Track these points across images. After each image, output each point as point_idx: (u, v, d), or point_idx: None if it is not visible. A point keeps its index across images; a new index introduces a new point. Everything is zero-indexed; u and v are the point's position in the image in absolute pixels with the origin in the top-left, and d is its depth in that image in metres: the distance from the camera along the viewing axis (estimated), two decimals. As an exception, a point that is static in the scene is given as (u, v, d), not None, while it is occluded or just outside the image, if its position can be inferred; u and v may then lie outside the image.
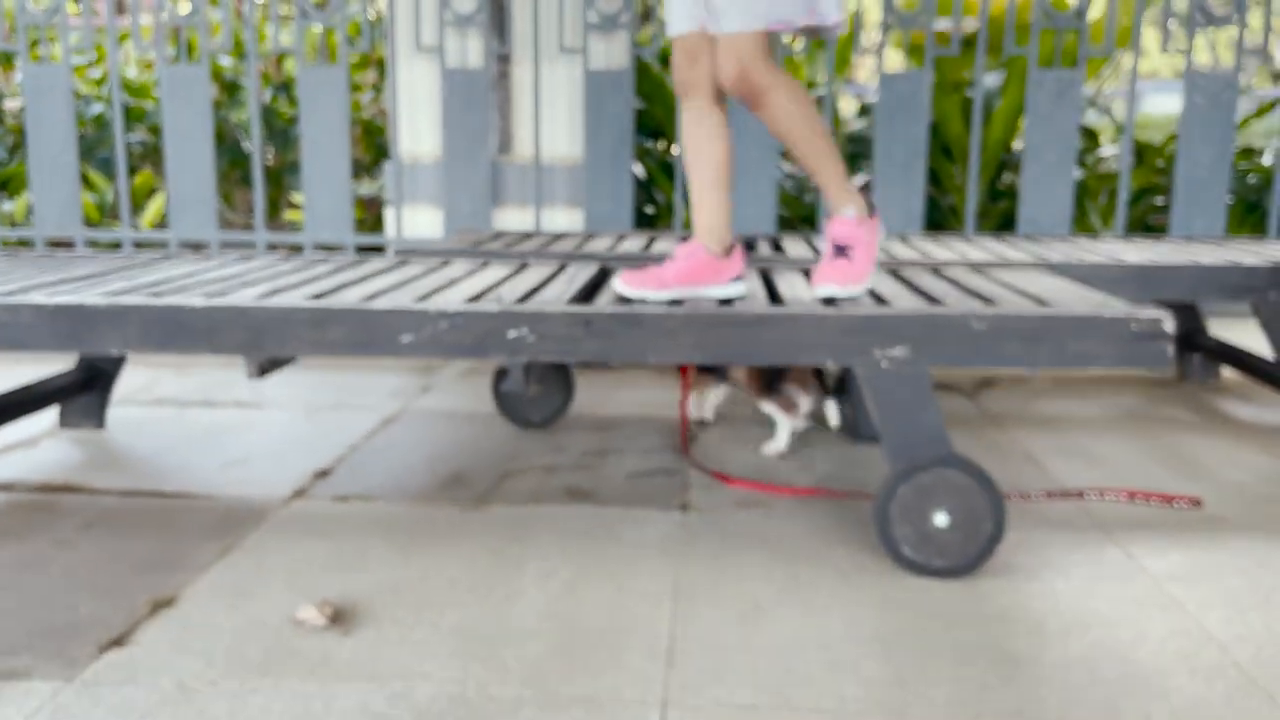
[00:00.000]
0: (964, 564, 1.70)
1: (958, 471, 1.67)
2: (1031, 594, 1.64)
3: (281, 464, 2.28)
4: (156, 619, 1.54)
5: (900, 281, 2.09)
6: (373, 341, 1.71)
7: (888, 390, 1.69)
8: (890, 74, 3.37)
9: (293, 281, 1.99)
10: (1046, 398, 3.00)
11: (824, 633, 1.51)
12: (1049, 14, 3.33)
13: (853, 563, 1.76)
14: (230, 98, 4.65)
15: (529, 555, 1.78)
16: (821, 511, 2.01)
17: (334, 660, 1.42)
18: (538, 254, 2.57)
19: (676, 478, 2.21)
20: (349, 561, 1.75)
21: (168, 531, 1.88)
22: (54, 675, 1.38)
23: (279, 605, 1.58)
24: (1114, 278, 2.48)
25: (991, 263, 2.49)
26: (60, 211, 3.58)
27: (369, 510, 2.00)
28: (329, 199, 3.54)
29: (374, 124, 4.85)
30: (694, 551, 1.80)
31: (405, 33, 3.49)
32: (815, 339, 1.68)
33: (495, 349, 1.70)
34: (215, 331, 1.72)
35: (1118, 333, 1.64)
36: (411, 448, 2.42)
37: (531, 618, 1.55)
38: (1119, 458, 2.38)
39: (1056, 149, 3.39)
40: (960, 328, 1.66)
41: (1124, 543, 1.86)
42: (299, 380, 3.12)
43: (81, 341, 1.74)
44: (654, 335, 1.69)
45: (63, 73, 3.53)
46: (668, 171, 4.10)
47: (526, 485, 2.15)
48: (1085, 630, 1.52)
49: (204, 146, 3.53)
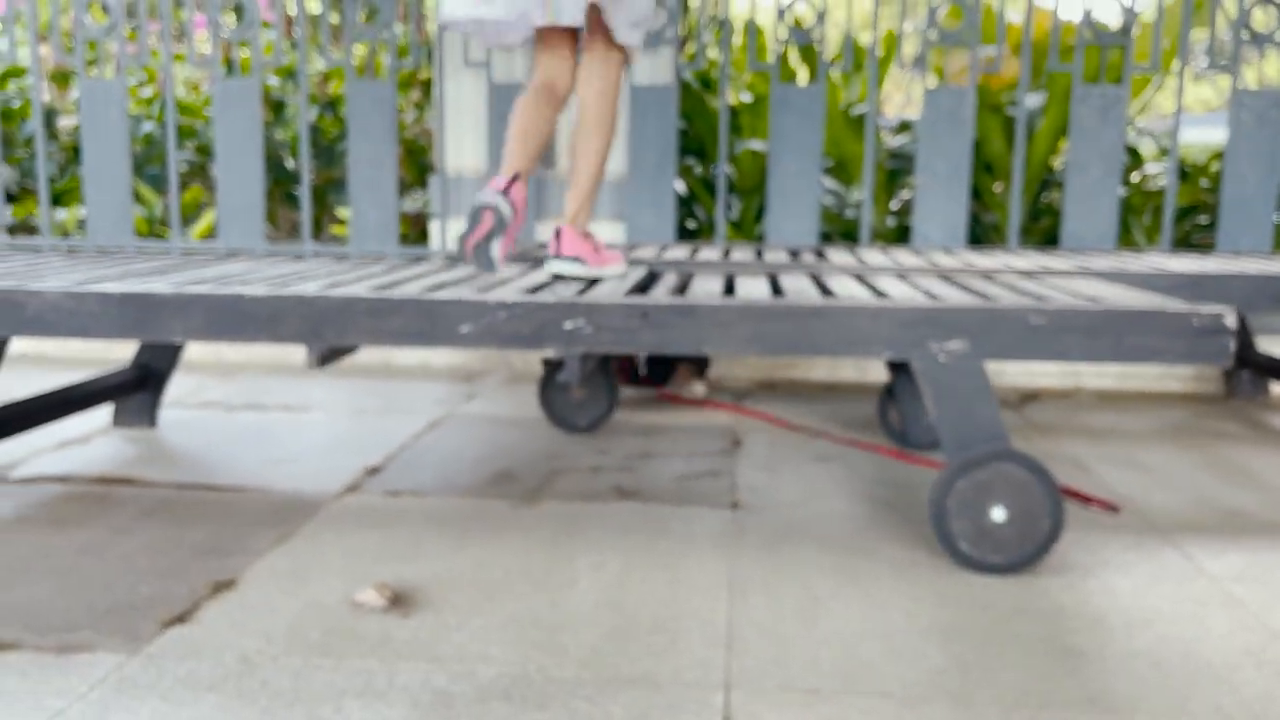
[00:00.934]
0: (1021, 560, 1.68)
1: (1016, 466, 1.66)
2: (1090, 591, 1.62)
3: (332, 462, 2.30)
4: (217, 599, 1.55)
5: (950, 284, 2.09)
6: (432, 331, 1.73)
7: (944, 384, 1.69)
8: (934, 89, 3.39)
9: (349, 278, 2.02)
10: (1092, 411, 2.97)
11: (883, 623, 1.50)
12: (1094, 30, 3.34)
13: (908, 558, 1.75)
14: (276, 117, 4.73)
15: (580, 548, 1.78)
16: (873, 509, 2.00)
17: (394, 640, 1.42)
18: (585, 259, 2.59)
19: (724, 479, 2.20)
20: (404, 551, 1.76)
21: (223, 520, 1.90)
22: (118, 649, 1.39)
23: (337, 589, 1.59)
24: (1164, 287, 2.45)
25: (1039, 270, 2.48)
26: (112, 221, 3.65)
27: (421, 504, 2.01)
28: (375, 211, 3.59)
29: (416, 143, 4.92)
30: (746, 545, 1.80)
31: (453, 48, 3.55)
32: (871, 331, 1.68)
33: (552, 339, 1.72)
34: (277, 320, 1.75)
35: (1179, 327, 1.63)
36: (459, 448, 2.43)
37: (587, 606, 1.55)
38: (1169, 467, 2.35)
39: (1101, 164, 3.38)
40: (1018, 321, 1.66)
41: (1180, 544, 1.84)
42: (344, 386, 3.15)
43: (146, 329, 1.77)
44: (709, 326, 1.70)
45: (118, 85, 3.61)
46: (709, 188, 4.12)
47: (574, 484, 2.16)
48: (1147, 626, 1.50)
49: (254, 159, 3.59)
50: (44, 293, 1.79)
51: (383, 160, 3.57)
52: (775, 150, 3.46)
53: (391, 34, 3.49)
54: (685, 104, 3.97)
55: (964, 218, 3.44)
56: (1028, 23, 3.41)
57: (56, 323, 1.80)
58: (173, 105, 3.67)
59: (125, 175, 3.64)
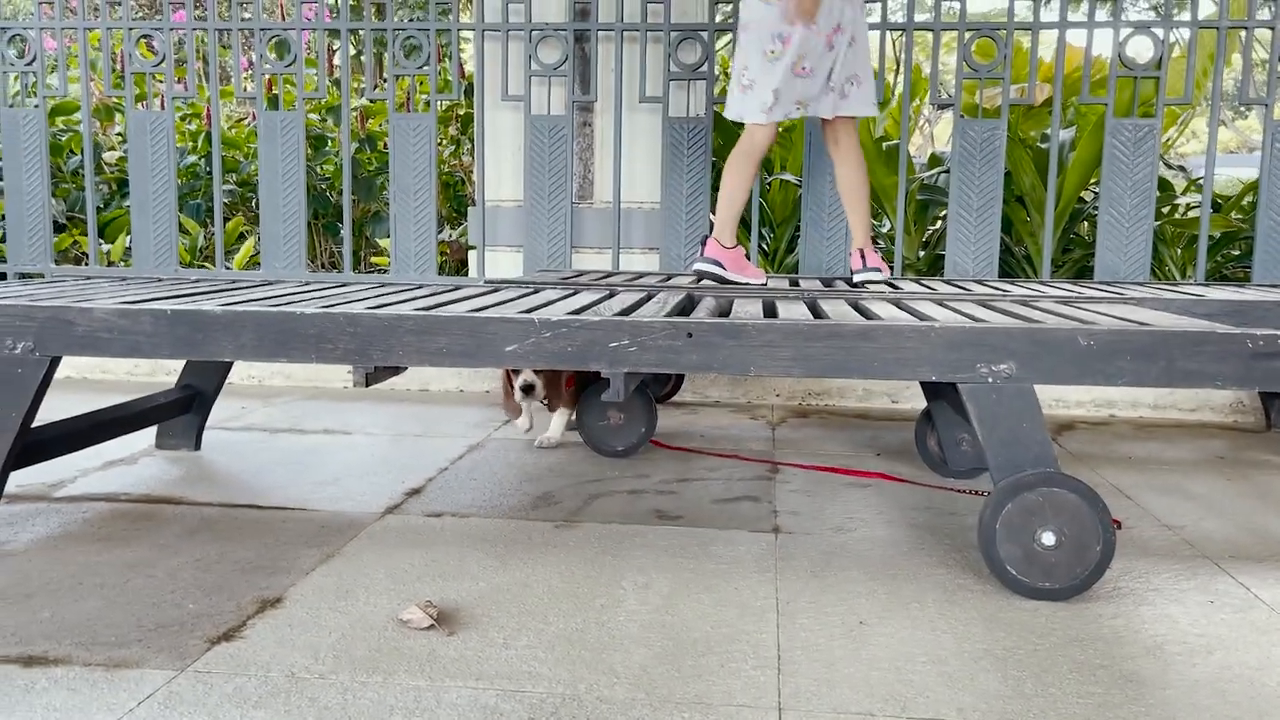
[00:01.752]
0: (1071, 586, 1.65)
1: (1066, 490, 1.64)
2: (1145, 618, 1.60)
3: (373, 483, 2.31)
4: (264, 617, 1.56)
5: (990, 309, 2.08)
6: (479, 351, 1.74)
7: (993, 407, 1.68)
8: (965, 120, 3.40)
9: (395, 300, 2.04)
10: (1130, 441, 2.94)
11: (934, 647, 1.48)
12: (1126, 63, 3.34)
13: (955, 582, 1.73)
14: (315, 152, 4.81)
15: (625, 568, 1.77)
16: (914, 534, 1.98)
17: (441, 658, 1.42)
18: (624, 286, 2.61)
19: (763, 504, 2.19)
20: (448, 570, 1.76)
21: (268, 539, 1.91)
22: (166, 665, 1.40)
23: (382, 607, 1.59)
24: (1205, 314, 2.43)
25: (1077, 298, 2.47)
26: (157, 250, 3.72)
27: (463, 525, 2.01)
28: (414, 241, 3.64)
29: (452, 177, 4.98)
30: (791, 569, 1.78)
31: (492, 83, 3.61)
32: (919, 353, 1.67)
33: (598, 359, 1.72)
34: (324, 339, 1.77)
35: (1235, 350, 1.61)
36: (499, 471, 2.43)
37: (634, 626, 1.54)
38: (1215, 496, 2.32)
39: (1134, 196, 3.37)
40: (1068, 344, 1.65)
41: (1234, 573, 1.80)
42: (383, 411, 3.17)
43: (197, 348, 1.79)
44: (755, 347, 1.70)
45: (166, 116, 3.69)
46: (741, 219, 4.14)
47: (615, 506, 2.15)
48: (1208, 654, 1.47)
49: (296, 190, 3.65)
50: (95, 310, 1.82)
51: (423, 191, 3.62)
52: (808, 181, 3.47)
53: (434, 68, 3.55)
54: (720, 138, 4.01)
55: (996, 249, 3.43)
56: (1059, 57, 3.43)
57: (109, 341, 1.82)
58: (219, 137, 3.74)
59: (171, 205, 3.70)
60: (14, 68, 3.74)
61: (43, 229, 3.79)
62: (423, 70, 3.57)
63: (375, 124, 4.91)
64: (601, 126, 3.65)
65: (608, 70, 3.57)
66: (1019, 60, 3.89)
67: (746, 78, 2.71)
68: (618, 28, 3.50)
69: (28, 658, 1.40)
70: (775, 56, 2.65)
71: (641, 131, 3.60)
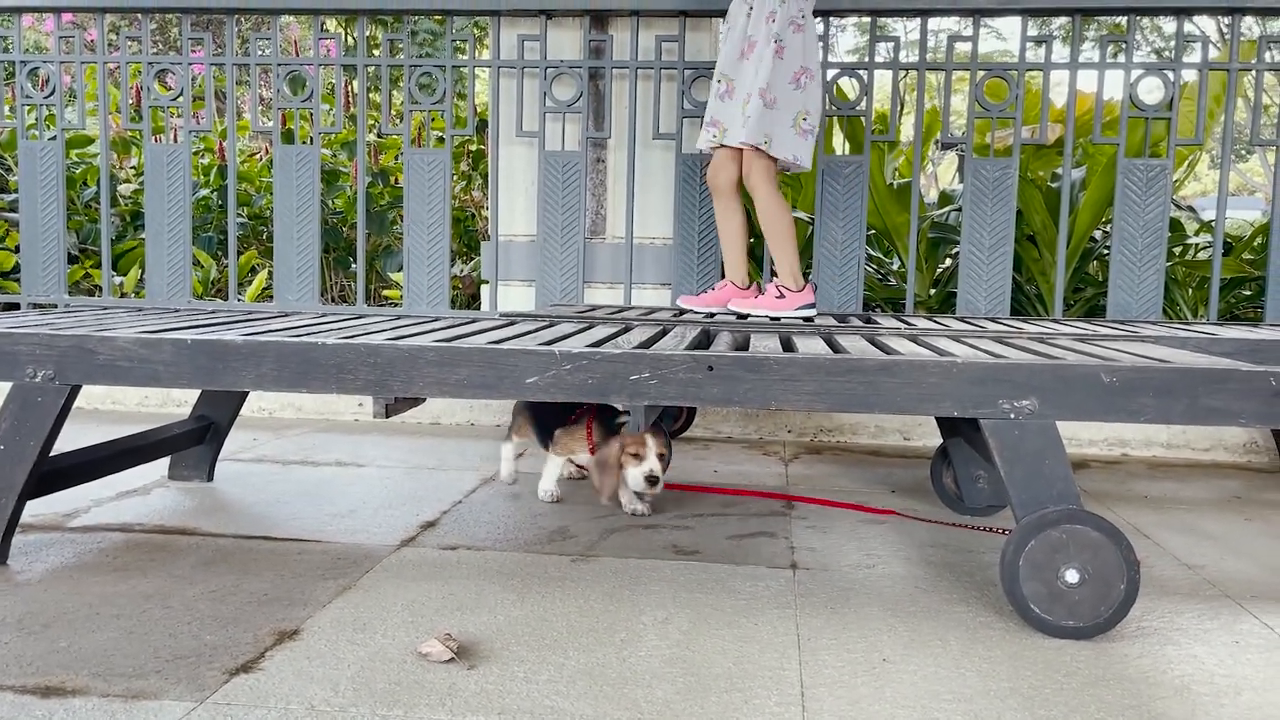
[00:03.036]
0: (1095, 625, 1.64)
1: (1089, 527, 1.63)
2: (1170, 658, 1.58)
3: (388, 516, 2.30)
4: (281, 649, 1.54)
5: (1007, 346, 2.08)
6: (499, 382, 1.74)
7: (1015, 443, 1.67)
8: (978, 160, 3.42)
9: (413, 331, 2.05)
10: (1143, 480, 2.92)
11: (959, 685, 1.46)
12: (1138, 104, 3.37)
13: (978, 620, 1.71)
14: (328, 186, 4.85)
15: (644, 603, 1.76)
16: (933, 572, 1.97)
17: (462, 692, 1.40)
18: (639, 320, 2.61)
19: (780, 540, 2.18)
20: (465, 602, 1.74)
21: (284, 571, 1.90)
22: (184, 697, 1.38)
23: (401, 640, 1.58)
24: (1221, 353, 2.43)
25: (1092, 335, 2.47)
26: (171, 282, 3.73)
27: (479, 558, 2.00)
28: (427, 275, 3.65)
29: (464, 213, 5.01)
30: (811, 605, 1.77)
31: (507, 119, 3.64)
32: (941, 388, 1.67)
33: (618, 391, 1.72)
34: (345, 369, 1.77)
35: (1258, 387, 1.61)
36: (514, 504, 2.42)
37: (655, 661, 1.52)
38: (1234, 536, 2.30)
39: (1145, 236, 3.38)
40: (1091, 380, 1.65)
41: (1258, 613, 1.79)
42: (395, 444, 3.16)
43: (217, 377, 1.79)
44: (776, 381, 1.70)
45: (182, 149, 3.72)
46: (753, 256, 4.16)
47: (631, 541, 2.14)
48: (1237, 694, 1.45)
49: (310, 222, 3.67)
50: (116, 339, 1.82)
51: (436, 226, 3.64)
52: (821, 218, 3.49)
53: (449, 104, 3.59)
54: (730, 174, 4.03)
55: (1008, 287, 3.44)
56: (1071, 97, 3.46)
57: (129, 370, 1.83)
58: (234, 170, 3.77)
59: (186, 237, 3.73)
60: (32, 100, 3.79)
61: (57, 260, 3.81)
62: (437, 106, 3.61)
63: (388, 159, 4.95)
64: (615, 163, 3.68)
65: (621, 107, 3.61)
66: (1031, 100, 3.92)
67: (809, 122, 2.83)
68: (632, 65, 3.54)
69: (45, 688, 1.39)
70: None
71: (655, 168, 3.63)
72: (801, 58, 2.81)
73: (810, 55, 2.84)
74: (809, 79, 2.82)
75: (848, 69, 3.46)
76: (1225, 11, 3.71)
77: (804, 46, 2.81)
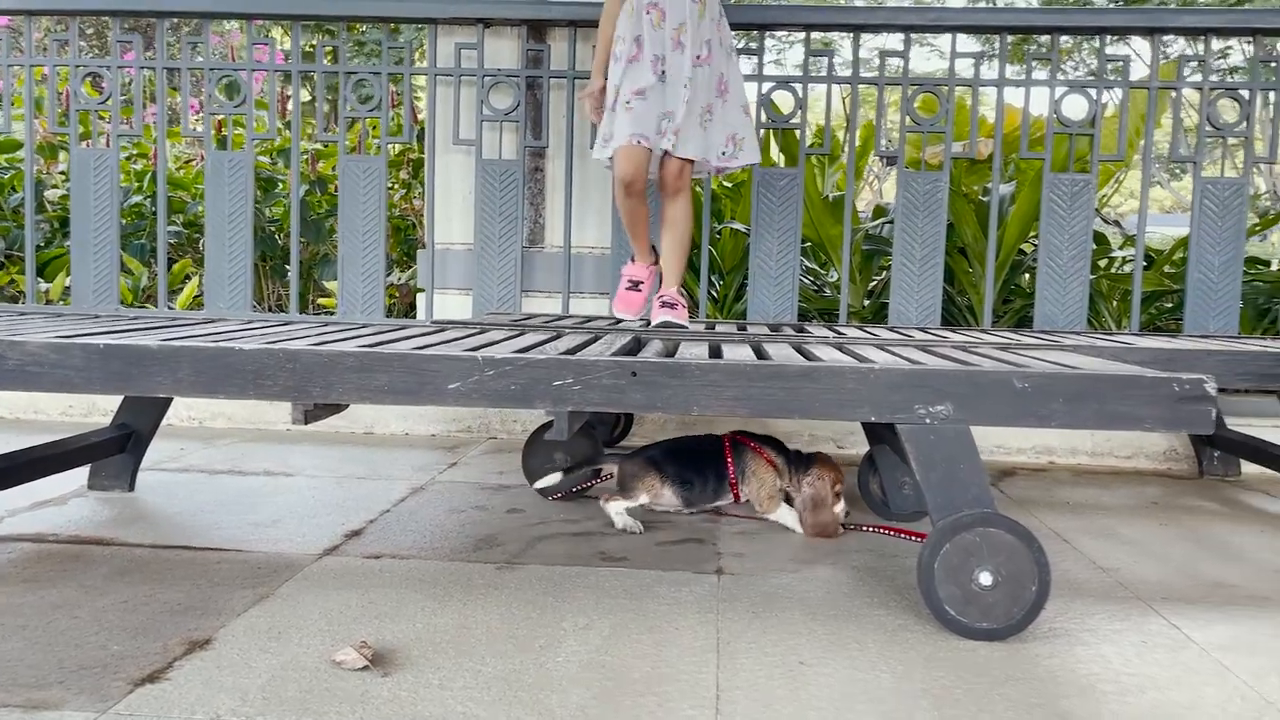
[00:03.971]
0: (1009, 626, 1.67)
1: (1003, 530, 1.66)
2: (1079, 658, 1.61)
3: (313, 525, 2.27)
4: (191, 658, 1.51)
5: (930, 354, 2.12)
6: (420, 388, 1.73)
7: (930, 448, 1.70)
8: (909, 173, 3.48)
9: (338, 337, 2.03)
10: (1068, 487, 2.99)
11: (873, 687, 1.48)
12: (1063, 121, 3.46)
13: (896, 623, 1.74)
14: (264, 194, 4.78)
15: (566, 609, 1.76)
16: (857, 576, 1.99)
17: (374, 699, 1.39)
18: (572, 328, 2.61)
19: (708, 546, 2.19)
20: (385, 610, 1.72)
21: (200, 580, 1.86)
22: (86, 707, 1.35)
23: (316, 648, 1.55)
24: (1138, 361, 2.50)
25: (1015, 344, 2.52)
26: (97, 288, 3.65)
27: (402, 566, 1.98)
28: (362, 283, 3.62)
29: (403, 221, 4.97)
30: (733, 610, 1.78)
31: (444, 127, 3.63)
32: (859, 393, 1.70)
33: (541, 398, 1.72)
34: (263, 375, 1.74)
35: (1162, 393, 1.66)
36: (442, 513, 2.41)
37: (573, 667, 1.52)
38: (1149, 540, 2.36)
39: (1070, 249, 3.47)
40: (1004, 386, 1.68)
41: (1167, 614, 1.83)
42: (326, 454, 3.12)
43: (132, 383, 1.76)
44: (699, 386, 1.71)
45: (111, 153, 3.65)
46: (691, 266, 4.19)
47: (559, 549, 2.14)
48: (1140, 693, 1.49)
49: (243, 229, 3.62)
50: (26, 344, 1.78)
51: (372, 234, 3.61)
52: (756, 231, 3.53)
53: (385, 112, 3.56)
54: (669, 185, 4.05)
55: (939, 298, 3.50)
56: (999, 113, 3.54)
57: (39, 375, 1.78)
58: (164, 175, 3.71)
59: (113, 243, 3.65)
60: (-44, 103, 3.69)
61: (-21, 266, 3.71)
62: (374, 114, 3.58)
63: (326, 167, 4.90)
64: (553, 172, 3.68)
65: (559, 116, 3.61)
66: (961, 116, 4.00)
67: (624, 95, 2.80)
68: (570, 75, 3.55)
69: (-61, 700, 1.35)
70: None
71: (593, 177, 3.64)
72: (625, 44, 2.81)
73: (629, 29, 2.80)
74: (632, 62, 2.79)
75: (782, 82, 3.50)
76: (1145, 32, 3.83)
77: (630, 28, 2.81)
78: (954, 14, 3.60)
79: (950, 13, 3.71)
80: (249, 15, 3.65)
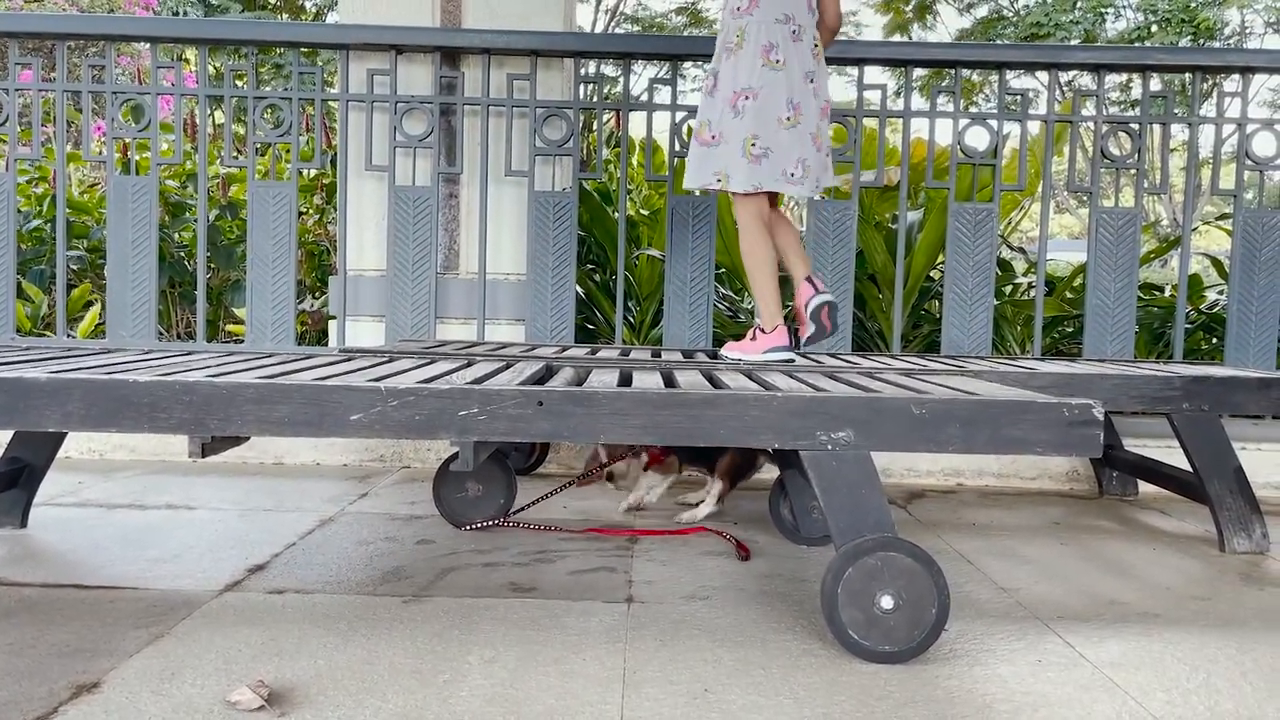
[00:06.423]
0: (910, 649, 1.70)
1: (903, 554, 1.70)
2: (977, 678, 1.65)
3: (214, 560, 2.20)
4: (77, 703, 1.46)
5: (836, 380, 2.16)
6: (321, 420, 1.70)
7: (832, 474, 1.73)
8: (819, 201, 3.56)
9: (240, 367, 1.99)
10: (974, 508, 3.07)
11: (775, 713, 1.49)
12: (966, 152, 3.58)
13: (801, 648, 1.76)
14: (175, 219, 4.67)
15: (472, 642, 1.74)
16: (766, 601, 2.01)
17: (269, 741, 1.36)
18: (485, 355, 2.60)
19: (619, 575, 2.19)
20: (285, 648, 1.68)
21: (91, 620, 1.79)
22: (-38, 760, 1.29)
23: (211, 689, 1.51)
24: (1037, 386, 2.59)
25: (920, 370, 2.59)
26: (-10, 317, 3.52)
27: (306, 602, 1.93)
28: (271, 310, 3.55)
29: (317, 246, 4.90)
30: (641, 639, 1.78)
31: (356, 152, 3.60)
32: (761, 420, 1.72)
33: (446, 428, 1.71)
34: (158, 407, 1.70)
35: (1052, 418, 1.72)
36: (349, 546, 2.36)
37: (477, 701, 1.50)
38: (1048, 560, 2.44)
39: (975, 276, 3.58)
40: (902, 412, 1.73)
41: (1062, 633, 1.89)
42: (233, 485, 3.04)
43: (17, 417, 1.70)
44: (605, 415, 1.72)
45: (8, 176, 3.53)
46: (607, 292, 4.21)
47: (468, 580, 2.11)
48: (1034, 711, 1.53)
49: (147, 256, 3.53)
50: (-93, 379, 1.71)
51: (281, 260, 3.55)
52: (670, 257, 3.56)
53: (295, 137, 3.52)
54: (587, 213, 4.08)
55: (849, 324, 3.58)
56: (905, 143, 3.64)
57: (-81, 411, 1.71)
58: (63, 198, 3.59)
59: (10, 269, 3.52)
60: None
61: None
62: (285, 139, 3.53)
63: (238, 192, 4.81)
64: (468, 198, 3.67)
65: (474, 143, 3.61)
66: (869, 145, 4.11)
67: (759, 146, 2.65)
68: (484, 102, 3.55)
69: None
70: (791, 124, 2.67)
71: (508, 204, 3.64)
72: (732, 82, 2.67)
73: (750, 74, 2.65)
74: (750, 99, 2.65)
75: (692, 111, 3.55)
76: (1044, 66, 3.99)
77: (736, 69, 2.67)
78: (862, 46, 3.71)
79: (858, 45, 3.82)
80: (155, 38, 3.58)
